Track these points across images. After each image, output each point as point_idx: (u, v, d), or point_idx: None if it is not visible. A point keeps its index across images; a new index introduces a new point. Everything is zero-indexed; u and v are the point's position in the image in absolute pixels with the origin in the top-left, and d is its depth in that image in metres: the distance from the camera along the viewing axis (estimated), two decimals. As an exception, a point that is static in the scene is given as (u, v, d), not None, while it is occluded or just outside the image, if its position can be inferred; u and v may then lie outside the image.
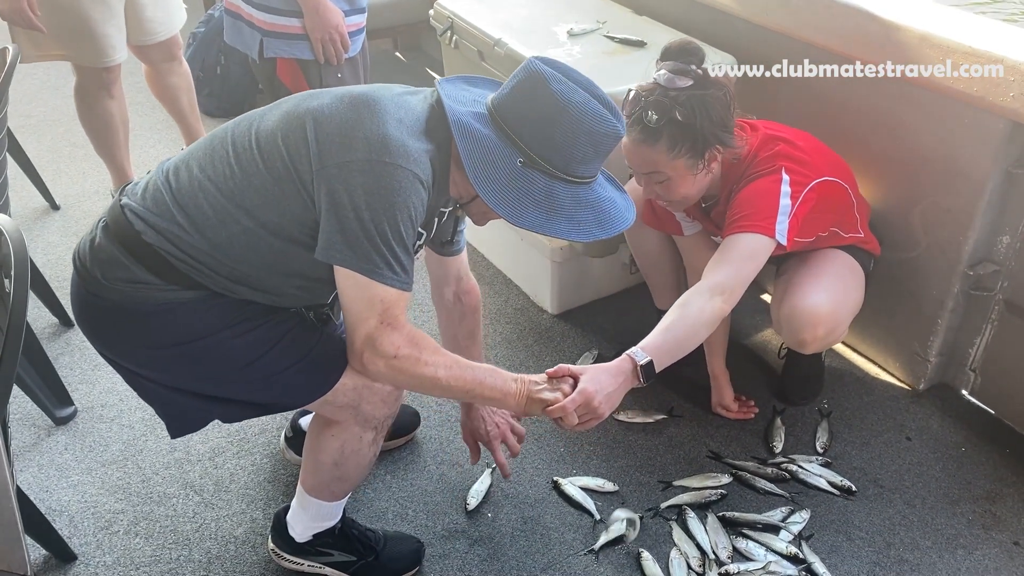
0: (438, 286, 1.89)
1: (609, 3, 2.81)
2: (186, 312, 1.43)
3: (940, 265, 2.16)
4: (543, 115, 1.38)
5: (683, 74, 1.75)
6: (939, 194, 2.11)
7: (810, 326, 1.97)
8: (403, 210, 1.35)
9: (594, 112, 1.39)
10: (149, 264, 1.42)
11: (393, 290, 1.37)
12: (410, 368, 1.41)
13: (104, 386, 2.38)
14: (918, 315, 2.27)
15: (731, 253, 1.79)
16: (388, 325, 1.38)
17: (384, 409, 1.62)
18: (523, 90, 1.41)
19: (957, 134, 2.02)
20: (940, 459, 2.14)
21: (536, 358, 2.49)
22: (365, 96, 1.42)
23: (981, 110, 1.92)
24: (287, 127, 1.41)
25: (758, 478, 2.06)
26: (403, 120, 1.40)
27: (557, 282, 2.59)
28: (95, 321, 1.49)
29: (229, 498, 2.05)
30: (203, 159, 1.46)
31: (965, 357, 2.27)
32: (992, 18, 2.04)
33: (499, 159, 1.40)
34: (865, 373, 2.43)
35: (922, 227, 2.18)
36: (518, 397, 1.53)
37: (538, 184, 1.41)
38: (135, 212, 1.45)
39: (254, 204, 1.40)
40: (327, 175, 1.34)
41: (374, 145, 1.34)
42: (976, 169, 2.01)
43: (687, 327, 1.71)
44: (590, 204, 1.45)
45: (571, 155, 1.40)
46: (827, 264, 2.04)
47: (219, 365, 1.48)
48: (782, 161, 1.86)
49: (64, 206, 3.23)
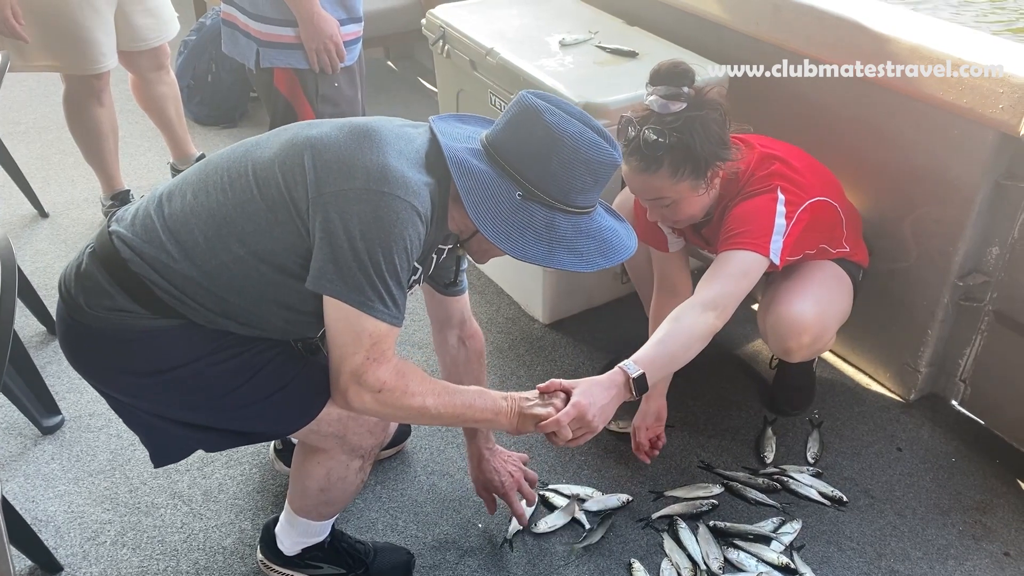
0: (441, 330, 1.87)
1: (601, 14, 2.82)
2: (167, 340, 1.41)
3: (930, 276, 2.17)
4: (539, 147, 1.38)
5: (675, 98, 1.74)
6: (929, 205, 2.12)
7: (795, 334, 1.97)
8: (399, 242, 1.32)
9: (590, 142, 1.39)
10: (133, 293, 1.40)
11: (383, 324, 1.34)
12: (397, 400, 1.39)
13: (92, 395, 2.36)
14: (909, 326, 2.27)
15: (725, 269, 1.78)
16: (375, 360, 1.35)
17: (370, 439, 1.61)
18: (517, 124, 1.41)
19: (947, 145, 2.03)
20: (931, 470, 2.14)
21: (528, 367, 2.48)
22: (366, 127, 1.41)
23: (970, 121, 1.93)
24: (285, 155, 1.39)
25: (749, 488, 2.06)
26: (403, 152, 1.38)
27: (549, 291, 2.59)
28: (78, 347, 1.47)
29: (218, 508, 2.03)
30: (197, 185, 1.44)
31: (955, 368, 2.28)
32: (986, 30, 2.05)
33: (498, 193, 1.39)
34: (856, 383, 2.43)
35: (913, 238, 2.18)
36: (510, 415, 1.51)
37: (538, 216, 1.40)
38: (123, 239, 1.42)
39: (247, 231, 1.37)
40: (323, 202, 1.32)
41: (373, 175, 1.32)
42: (966, 180, 2.01)
43: (680, 341, 1.70)
44: (592, 234, 1.45)
45: (570, 185, 1.39)
46: (813, 273, 2.05)
47: (200, 393, 1.45)
48: (778, 180, 1.86)
49: (53, 214, 3.21)
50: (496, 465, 1.90)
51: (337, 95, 2.43)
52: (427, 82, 4.31)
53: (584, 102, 2.20)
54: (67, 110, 2.93)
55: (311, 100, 2.41)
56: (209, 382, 1.44)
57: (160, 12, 2.96)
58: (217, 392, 1.45)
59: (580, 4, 2.93)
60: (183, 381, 1.43)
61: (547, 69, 2.39)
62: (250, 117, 3.99)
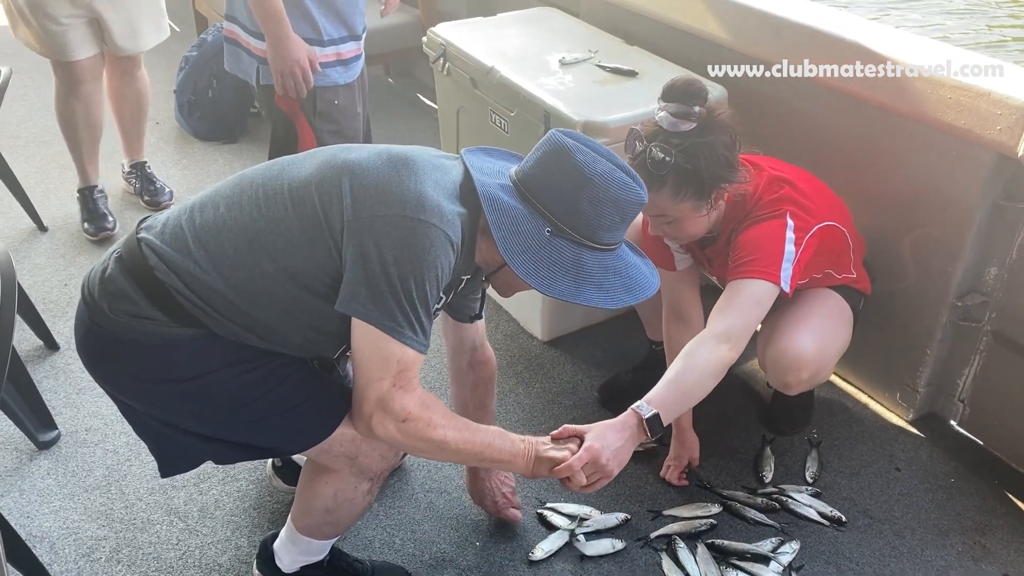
0: (455, 354, 1.89)
1: (600, 33, 2.84)
2: (187, 349, 1.41)
3: (929, 296, 2.17)
4: (569, 185, 1.40)
5: (686, 117, 1.73)
6: (928, 225, 2.13)
7: (794, 370, 1.96)
8: (431, 270, 1.34)
9: (619, 181, 1.41)
10: (157, 300, 1.40)
11: (411, 351, 1.35)
12: (420, 432, 1.40)
13: (88, 410, 2.35)
14: (907, 345, 2.27)
15: (737, 299, 1.77)
16: (401, 388, 1.36)
17: (382, 463, 1.61)
18: (547, 161, 1.43)
19: (946, 166, 2.04)
20: (930, 490, 2.14)
21: (526, 385, 2.48)
22: (404, 155, 1.43)
23: (968, 142, 1.94)
24: (322, 177, 1.40)
25: (748, 508, 2.05)
26: (439, 182, 1.40)
27: (547, 309, 2.59)
28: (95, 351, 1.47)
29: (214, 525, 2.02)
30: (230, 199, 1.45)
31: (954, 388, 2.28)
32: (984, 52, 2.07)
33: (527, 230, 1.40)
34: (855, 403, 2.43)
35: (911, 257, 2.19)
36: (526, 458, 1.52)
37: (566, 253, 1.42)
38: (151, 246, 1.43)
39: (278, 248, 1.38)
40: (359, 227, 1.33)
41: (410, 202, 1.34)
42: (964, 201, 2.02)
43: (694, 378, 1.69)
44: (617, 271, 1.47)
45: (598, 223, 1.41)
46: (815, 305, 2.03)
47: (216, 405, 1.45)
48: (787, 205, 1.84)
49: (52, 228, 3.21)
50: (491, 485, 1.91)
51: (336, 112, 2.44)
52: (427, 99, 4.32)
53: (584, 121, 2.21)
54: (54, 97, 3.08)
55: (308, 117, 2.42)
56: (226, 394, 1.44)
57: (136, 25, 3.03)
58: (233, 405, 1.45)
59: (580, 23, 2.95)
60: (200, 392, 1.43)
61: (547, 88, 2.40)
62: (251, 133, 4.00)
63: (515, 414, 2.37)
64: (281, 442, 1.53)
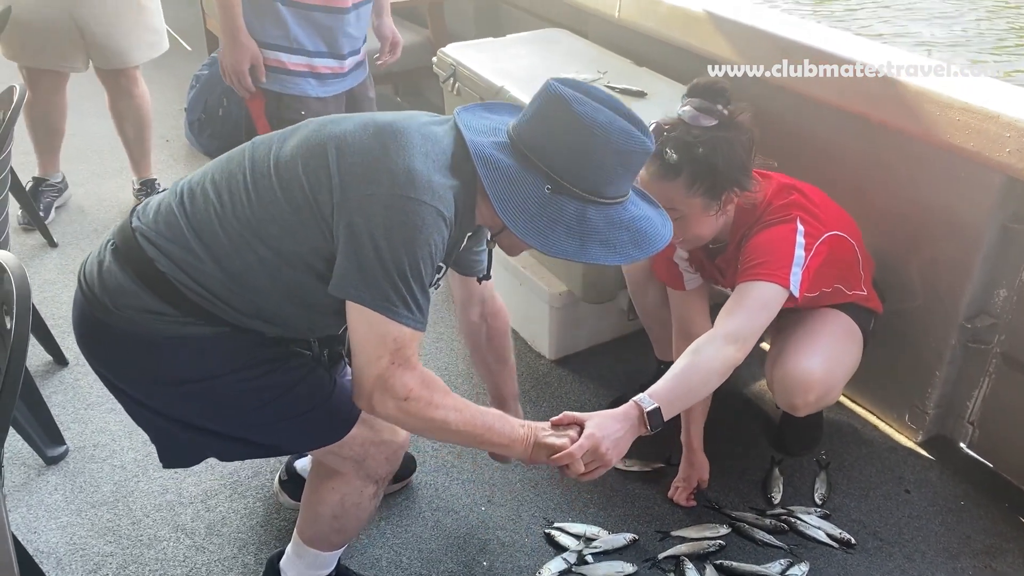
0: (464, 308, 1.84)
1: (609, 54, 2.86)
2: (199, 349, 1.40)
3: (938, 317, 2.17)
4: (568, 139, 1.34)
5: (708, 113, 1.73)
6: (937, 246, 2.13)
7: (802, 392, 1.95)
8: (424, 247, 1.30)
9: (621, 130, 1.34)
10: (162, 293, 1.39)
11: (407, 329, 1.32)
12: (421, 411, 1.37)
13: (97, 425, 2.36)
14: (916, 367, 2.27)
15: (745, 301, 1.76)
16: (400, 365, 1.33)
17: (387, 466, 1.61)
18: (545, 115, 1.37)
19: (955, 187, 2.04)
20: (939, 512, 2.12)
21: (534, 404, 2.47)
22: (391, 126, 1.38)
23: (978, 164, 1.94)
24: (308, 153, 1.37)
25: (756, 529, 2.04)
26: (429, 153, 1.35)
27: (556, 327, 2.59)
28: (100, 346, 1.46)
29: (221, 542, 2.01)
30: (219, 183, 1.42)
31: (963, 410, 2.27)
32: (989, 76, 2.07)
33: (526, 188, 1.35)
34: (864, 424, 2.42)
35: (920, 279, 2.19)
36: (525, 443, 1.49)
37: (568, 210, 1.36)
38: (147, 237, 1.41)
39: (271, 233, 1.36)
40: (348, 208, 1.30)
41: (399, 179, 1.30)
42: (973, 223, 2.03)
43: (698, 375, 1.68)
44: (624, 224, 1.40)
45: (601, 177, 1.36)
46: (824, 326, 2.02)
47: (228, 406, 1.45)
48: (796, 211, 1.84)
49: (62, 244, 3.22)
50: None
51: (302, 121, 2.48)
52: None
53: (593, 140, 2.22)
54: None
55: (271, 121, 2.42)
56: (241, 396, 1.44)
57: (119, 39, 3.08)
58: (248, 406, 1.45)
59: (589, 45, 2.98)
60: (213, 392, 1.43)
61: (556, 107, 2.41)
62: (259, 151, 4.02)
63: (523, 433, 2.36)
64: (293, 442, 1.54)
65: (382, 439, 1.57)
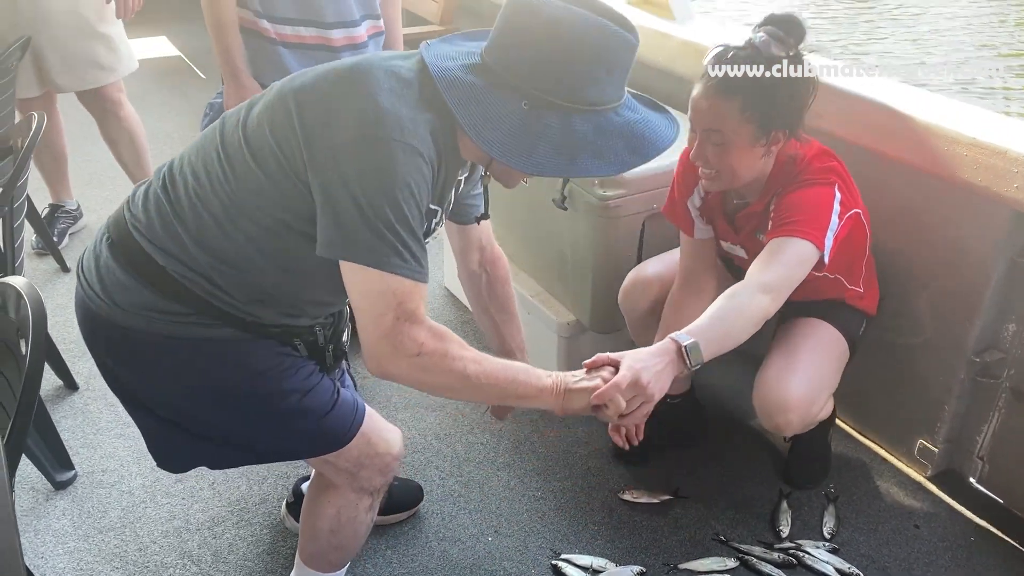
0: (462, 257, 1.78)
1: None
2: (207, 352, 1.39)
3: (946, 351, 2.17)
4: (536, 45, 1.24)
5: (780, 42, 1.70)
6: (945, 280, 2.13)
7: (782, 412, 1.93)
8: (403, 189, 1.22)
9: (592, 24, 1.23)
10: (164, 290, 1.35)
11: (406, 280, 1.24)
12: (436, 364, 1.28)
13: (105, 450, 2.36)
14: (925, 401, 2.26)
15: (780, 256, 1.70)
16: (406, 320, 1.24)
17: (381, 478, 1.61)
18: (512, 26, 1.27)
19: (963, 222, 2.05)
20: (949, 548, 2.11)
21: (541, 433, 2.47)
22: (351, 68, 1.29)
23: (986, 199, 1.95)
24: (272, 115, 1.29)
25: (764, 563, 2.02)
26: (395, 89, 1.26)
27: (564, 357, 2.59)
28: (103, 342, 1.43)
29: (227, 569, 2.01)
30: (196, 164, 1.37)
31: (973, 444, 2.26)
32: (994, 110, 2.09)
33: (499, 107, 1.26)
34: (872, 457, 2.41)
35: (928, 312, 2.19)
36: (555, 392, 1.37)
37: (551, 123, 1.26)
38: (140, 231, 1.37)
39: (253, 205, 1.31)
40: (317, 164, 1.23)
41: (364, 120, 1.22)
42: (982, 257, 2.03)
43: (734, 317, 1.60)
44: (618, 130, 1.30)
45: (579, 81, 1.25)
46: (805, 340, 1.99)
47: (232, 410, 1.44)
48: (835, 177, 1.81)
49: (74, 268, 3.24)
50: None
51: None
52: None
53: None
54: None
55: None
56: (245, 401, 1.43)
57: (73, 60, 3.09)
58: (251, 412, 1.44)
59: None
60: (216, 396, 1.42)
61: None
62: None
63: (530, 463, 2.36)
64: (291, 450, 1.54)
65: (377, 451, 1.57)
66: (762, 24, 1.74)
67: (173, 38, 5.90)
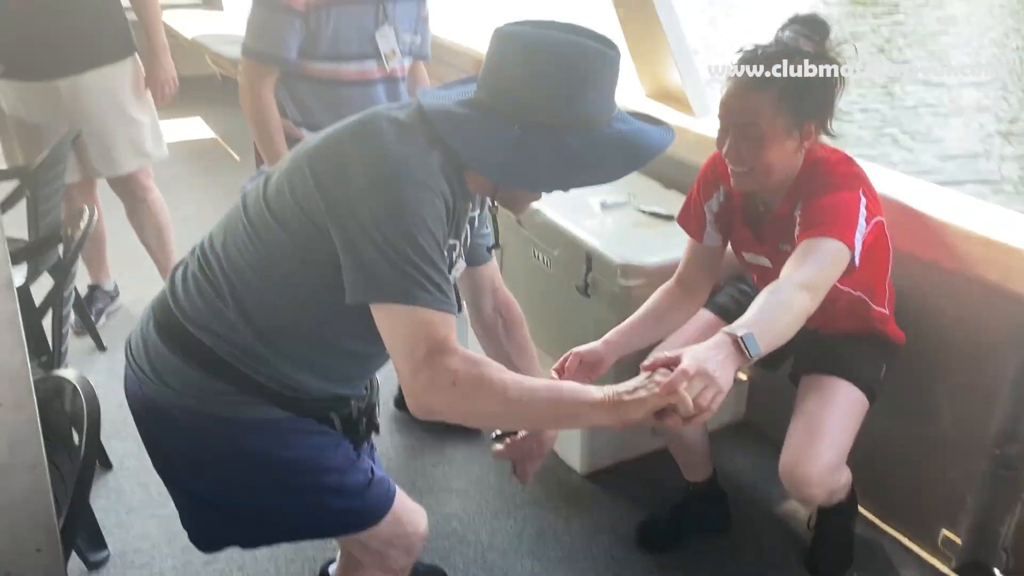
0: (475, 305, 1.79)
1: (639, 176, 2.97)
2: (257, 432, 1.45)
3: (967, 443, 2.19)
4: (521, 71, 1.32)
5: (808, 38, 1.77)
6: (963, 373, 2.16)
7: (806, 487, 1.95)
8: (419, 224, 1.26)
9: (571, 45, 1.31)
10: (215, 371, 1.42)
11: (433, 312, 1.26)
12: (475, 390, 1.26)
13: (138, 531, 2.41)
14: (947, 491, 2.27)
15: (814, 254, 1.70)
16: (437, 351, 1.24)
17: (407, 558, 1.65)
18: (497, 58, 1.35)
19: (978, 316, 2.09)
20: (976, 642, 2.10)
21: (565, 520, 2.49)
22: (357, 122, 1.38)
23: (1001, 294, 2.00)
24: (290, 179, 1.37)
25: (789, 655, 2.02)
26: (399, 135, 1.33)
27: (587, 442, 2.63)
28: (155, 423, 1.50)
29: (255, 655, 2.04)
30: (226, 240, 1.43)
31: (996, 536, 2.26)
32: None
33: (493, 132, 1.32)
34: (896, 546, 2.40)
35: (947, 404, 2.22)
36: (608, 404, 1.30)
37: (544, 143, 1.31)
38: (185, 313, 1.44)
39: (284, 271, 1.37)
40: (336, 217, 1.29)
41: (374, 166, 1.29)
42: (998, 350, 2.07)
43: (781, 312, 1.57)
44: (611, 143, 1.35)
45: (563, 99, 1.31)
46: (825, 408, 1.99)
47: (271, 488, 1.49)
48: (859, 183, 1.84)
49: (111, 348, 3.34)
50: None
51: None
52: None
53: (624, 262, 2.32)
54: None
55: None
56: (290, 480, 1.49)
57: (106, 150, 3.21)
58: (288, 489, 1.50)
59: (620, 166, 3.10)
60: (259, 474, 1.48)
61: (589, 229, 2.52)
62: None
63: (553, 551, 2.38)
64: (326, 529, 1.60)
65: (405, 531, 1.61)
66: (788, 24, 1.81)
67: (208, 120, 6.11)
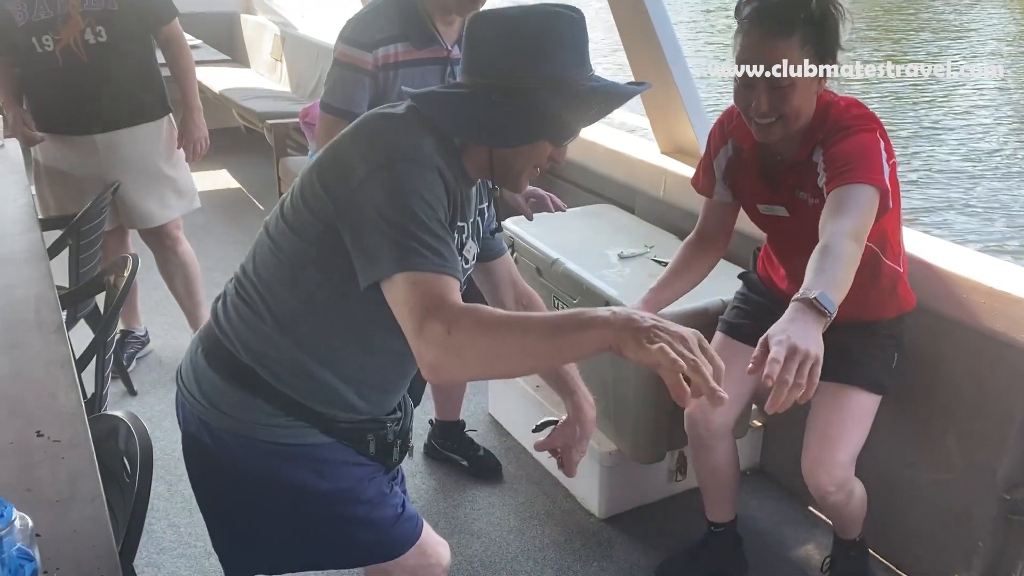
0: (496, 298, 1.80)
1: (655, 228, 3.08)
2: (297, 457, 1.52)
3: (976, 489, 2.24)
4: (490, 43, 1.41)
5: None
6: (971, 420, 2.23)
7: (825, 493, 2.06)
8: (413, 196, 1.31)
9: (531, 11, 1.39)
10: (260, 392, 1.49)
11: (428, 273, 1.27)
12: (472, 331, 1.22)
13: (168, 570, 2.48)
14: (959, 536, 2.31)
15: (846, 203, 1.71)
16: (435, 307, 1.24)
17: None
18: (469, 40, 1.45)
19: (985, 365, 2.16)
20: None
21: (583, 563, 2.54)
22: (355, 125, 1.47)
23: (1006, 344, 2.08)
24: (303, 190, 1.45)
25: None
26: (391, 126, 1.43)
27: (606, 486, 2.69)
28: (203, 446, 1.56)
29: None
30: (257, 264, 1.51)
31: (1009, 580, 2.30)
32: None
33: (474, 105, 1.40)
34: (910, 592, 2.44)
35: (957, 451, 2.27)
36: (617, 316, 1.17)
37: (523, 104, 1.38)
38: (230, 339, 1.51)
39: (309, 277, 1.45)
40: (341, 212, 1.36)
41: (366, 155, 1.36)
42: (1005, 399, 2.13)
43: (838, 265, 1.57)
44: (584, 96, 1.41)
45: (530, 60, 1.38)
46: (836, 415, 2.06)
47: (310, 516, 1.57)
48: (875, 124, 1.85)
49: (140, 392, 3.44)
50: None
51: None
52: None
53: (642, 312, 2.40)
54: None
55: None
56: (325, 508, 1.56)
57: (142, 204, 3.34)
58: (328, 519, 1.57)
59: (635, 219, 3.21)
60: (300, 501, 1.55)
61: (607, 279, 2.62)
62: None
63: (573, 591, 2.43)
64: (357, 558, 1.66)
65: (430, 563, 1.67)
66: None
67: (233, 171, 6.28)
